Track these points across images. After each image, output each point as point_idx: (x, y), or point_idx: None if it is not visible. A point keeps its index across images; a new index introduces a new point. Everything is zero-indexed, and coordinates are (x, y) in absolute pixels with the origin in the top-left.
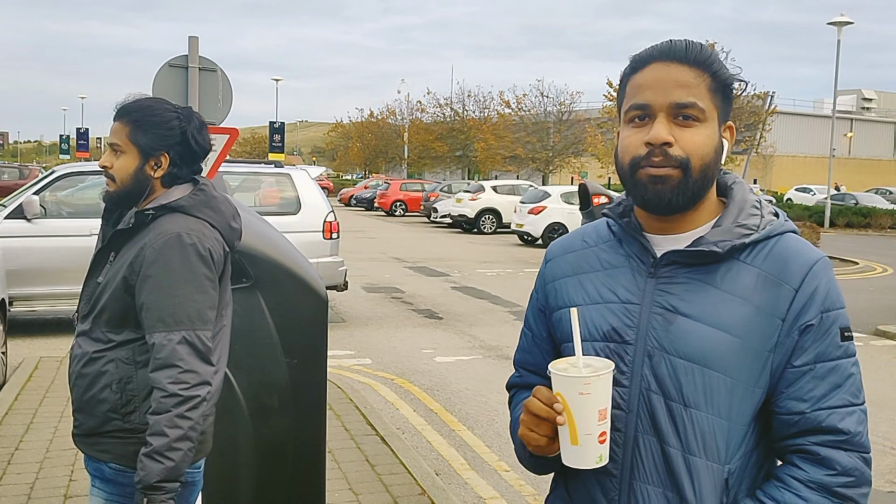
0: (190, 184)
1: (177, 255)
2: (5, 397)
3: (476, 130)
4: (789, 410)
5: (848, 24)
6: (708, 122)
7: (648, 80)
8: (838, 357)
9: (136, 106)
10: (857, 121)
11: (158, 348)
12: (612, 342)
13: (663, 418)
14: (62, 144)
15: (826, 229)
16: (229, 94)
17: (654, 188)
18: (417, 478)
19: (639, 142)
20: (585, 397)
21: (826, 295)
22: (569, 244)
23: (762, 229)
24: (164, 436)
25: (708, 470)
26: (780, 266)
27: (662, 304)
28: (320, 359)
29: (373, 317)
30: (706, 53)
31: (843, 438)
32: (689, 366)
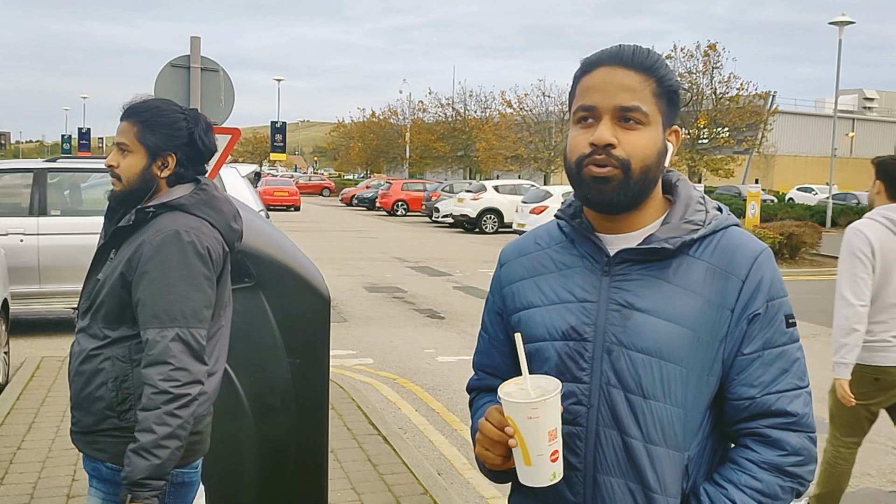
0: (192, 183)
1: (174, 253)
2: (7, 397)
3: (478, 130)
4: (740, 396)
5: (849, 24)
6: (651, 126)
7: (596, 83)
8: (784, 343)
9: (145, 106)
10: (859, 120)
11: (151, 344)
12: (571, 340)
13: (623, 411)
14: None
15: (828, 229)
16: (231, 94)
17: (597, 187)
18: (419, 477)
19: (584, 142)
20: (534, 421)
21: (771, 284)
22: (522, 247)
23: (708, 224)
24: (152, 432)
25: (669, 458)
26: (726, 259)
27: (618, 301)
28: (322, 358)
29: (374, 316)
30: (652, 59)
31: (792, 420)
32: (646, 359)
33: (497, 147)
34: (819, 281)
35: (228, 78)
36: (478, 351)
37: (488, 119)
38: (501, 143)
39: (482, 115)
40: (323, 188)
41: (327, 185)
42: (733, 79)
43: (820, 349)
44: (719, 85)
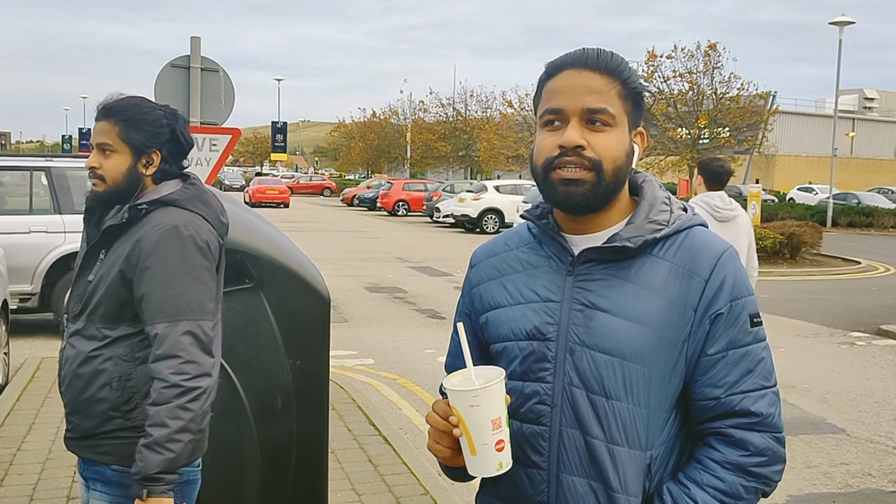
0: (178, 179)
1: (174, 247)
2: (7, 398)
3: (478, 130)
4: (705, 396)
5: (849, 24)
6: (618, 127)
7: (562, 86)
8: (749, 343)
9: (124, 105)
10: (859, 120)
11: (161, 339)
12: (535, 340)
13: (586, 411)
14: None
15: (828, 229)
16: (231, 94)
17: (567, 189)
18: (420, 478)
19: (552, 144)
20: (476, 409)
21: (734, 284)
22: (492, 248)
23: (672, 224)
24: (165, 426)
25: (631, 458)
26: (690, 259)
27: (581, 301)
28: (323, 359)
29: (375, 317)
30: (616, 61)
31: (756, 420)
32: (608, 359)
33: (498, 147)
34: (820, 281)
35: (228, 78)
36: (449, 353)
37: (489, 119)
38: (502, 143)
39: (483, 115)
40: (324, 188)
41: (328, 185)
42: (734, 79)
43: (821, 349)
44: (720, 85)
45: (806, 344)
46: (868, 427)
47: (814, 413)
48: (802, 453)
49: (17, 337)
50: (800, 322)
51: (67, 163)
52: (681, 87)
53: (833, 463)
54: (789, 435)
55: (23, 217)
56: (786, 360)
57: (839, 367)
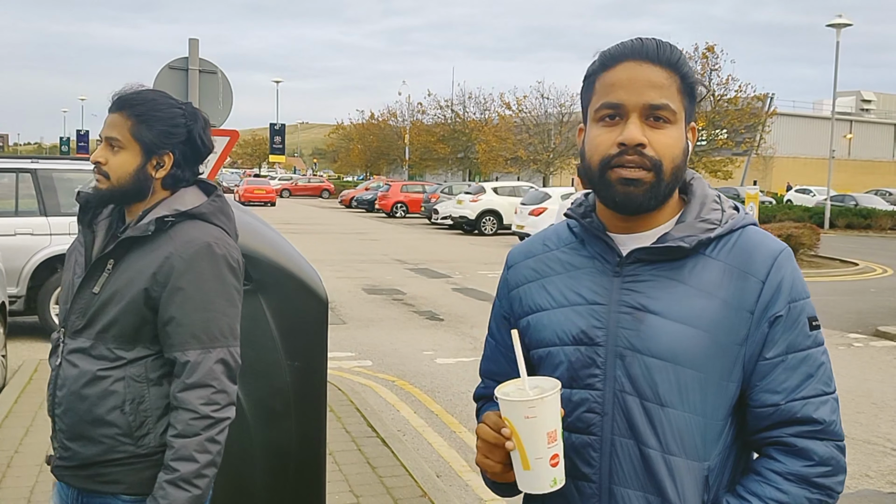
0: (196, 187)
1: (208, 266)
2: (5, 400)
3: (477, 132)
4: (763, 403)
5: (847, 26)
6: (678, 124)
7: (621, 79)
8: (808, 347)
9: (140, 98)
10: (857, 122)
11: (193, 367)
12: (582, 345)
13: (640, 419)
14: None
15: (826, 230)
16: (230, 96)
17: (626, 189)
18: (418, 480)
19: (610, 141)
20: (531, 421)
21: (792, 285)
22: (529, 249)
23: (724, 223)
24: (194, 461)
25: (688, 469)
26: (744, 259)
27: (630, 304)
28: (321, 361)
29: (374, 318)
30: (676, 55)
31: (819, 428)
32: (662, 364)
33: (496, 149)
34: (817, 282)
35: (227, 79)
36: (484, 357)
37: (488, 121)
38: (501, 145)
39: (481, 117)
40: (322, 190)
41: (326, 186)
42: (732, 80)
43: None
44: (718, 87)
45: None
46: (866, 428)
47: None
48: None
49: (14, 339)
50: None
51: (53, 165)
52: None
53: None
54: None
55: (8, 219)
56: None
57: (837, 368)
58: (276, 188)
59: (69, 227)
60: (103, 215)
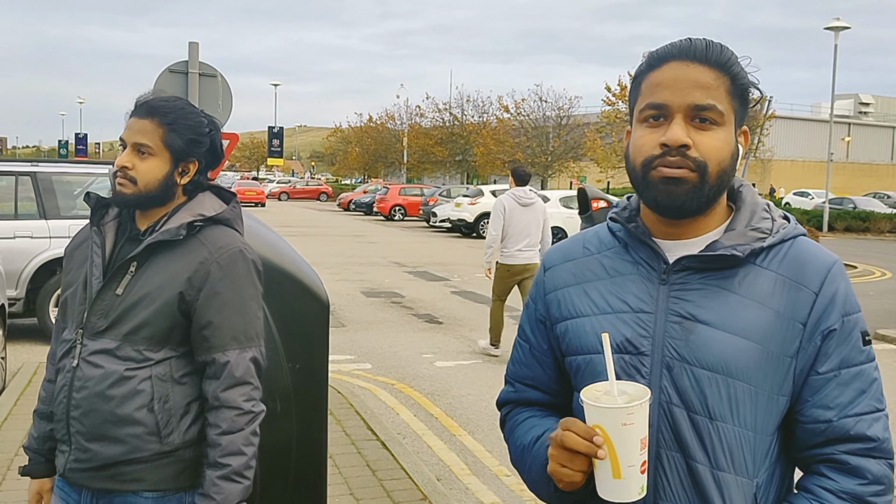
0: (210, 192)
1: (242, 272)
2: (5, 402)
3: (475, 135)
4: (816, 419)
5: (845, 29)
6: (725, 126)
7: (666, 79)
8: (862, 362)
9: (172, 107)
10: (855, 125)
11: (233, 367)
12: (626, 354)
13: (688, 433)
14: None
15: (825, 233)
16: (229, 99)
17: (668, 189)
18: (418, 483)
19: (654, 142)
20: (629, 428)
21: (846, 298)
22: (569, 251)
23: (776, 233)
24: (243, 454)
25: (738, 486)
26: (797, 269)
27: (679, 312)
28: (321, 364)
29: (373, 321)
30: (727, 55)
31: (872, 446)
32: (712, 376)
33: (495, 152)
34: None
35: (226, 83)
36: (515, 361)
37: (486, 124)
38: (499, 148)
39: (480, 120)
40: (320, 193)
41: (324, 189)
42: None
43: None
44: None
45: None
46: None
47: None
48: None
49: (14, 341)
50: None
51: (52, 168)
52: None
53: None
54: None
55: (8, 222)
56: None
57: None
58: (274, 191)
59: (69, 229)
60: (109, 217)
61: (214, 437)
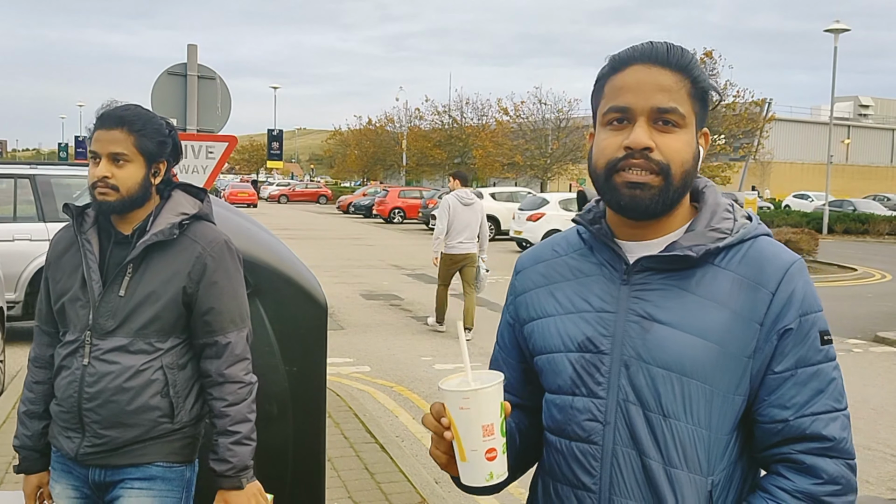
0: (180, 190)
1: (230, 261)
2: (4, 405)
3: (474, 137)
4: (772, 418)
5: (844, 32)
6: (687, 128)
7: (629, 83)
8: (819, 361)
9: (137, 114)
10: (855, 127)
11: (234, 345)
12: (587, 352)
13: (642, 430)
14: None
15: (824, 236)
16: (228, 102)
17: (631, 193)
18: (417, 486)
19: (617, 145)
20: (466, 412)
21: (804, 298)
22: (539, 254)
23: (736, 233)
24: (248, 421)
25: (691, 483)
26: (755, 270)
27: (638, 312)
28: (320, 366)
29: (371, 324)
30: (687, 58)
31: (829, 445)
32: (667, 374)
33: (494, 154)
34: (816, 288)
35: (225, 85)
36: (491, 362)
37: (485, 126)
38: (498, 151)
39: (479, 123)
40: (319, 196)
41: (324, 192)
42: (730, 86)
43: None
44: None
45: None
46: (865, 434)
47: None
48: None
49: (12, 344)
50: None
51: (51, 171)
52: None
53: None
54: None
55: (7, 225)
56: None
57: None
58: (273, 194)
59: None
60: (88, 224)
61: (222, 409)
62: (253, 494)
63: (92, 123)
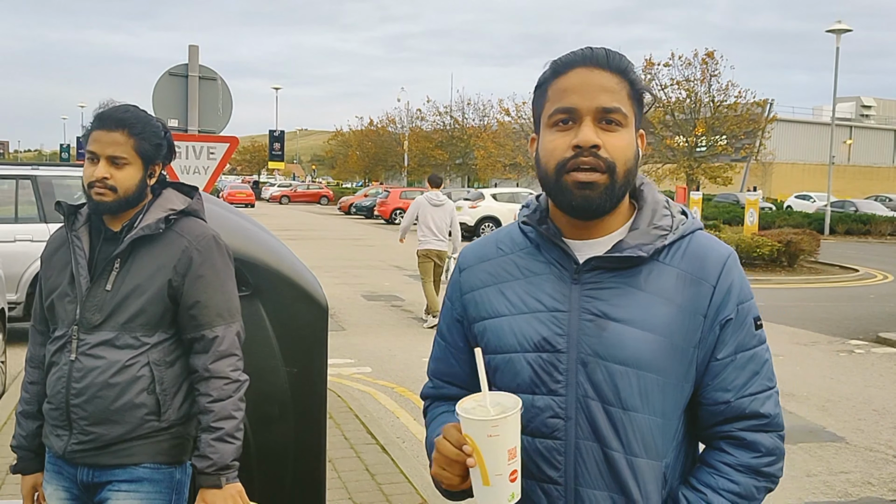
0: (171, 188)
1: (217, 256)
2: (5, 406)
3: (476, 138)
4: (716, 401)
5: (846, 32)
6: (629, 128)
7: (574, 84)
8: (755, 346)
9: (135, 117)
10: (857, 128)
11: (220, 340)
12: (544, 352)
13: (603, 423)
14: (62, 153)
15: (826, 237)
16: (229, 103)
17: (583, 193)
18: (418, 487)
19: (565, 145)
20: (494, 439)
21: (740, 288)
22: (483, 252)
23: (676, 230)
24: (233, 418)
25: (650, 468)
26: (697, 265)
27: (591, 311)
28: (320, 367)
29: (372, 325)
30: (625, 62)
31: (765, 422)
32: (625, 370)
33: (495, 155)
34: (817, 288)
35: (226, 86)
36: (434, 358)
37: (486, 127)
38: (500, 151)
39: (480, 123)
40: (321, 196)
41: (325, 193)
42: (731, 86)
43: (820, 357)
44: (717, 93)
45: (804, 352)
46: (868, 435)
47: (813, 421)
48: (802, 462)
49: (14, 345)
50: (798, 330)
51: (53, 171)
52: (678, 95)
53: (833, 472)
54: (788, 443)
55: (8, 226)
56: (784, 369)
57: (838, 374)
58: (275, 195)
59: None
60: (80, 222)
61: (207, 404)
62: (231, 496)
63: (89, 122)
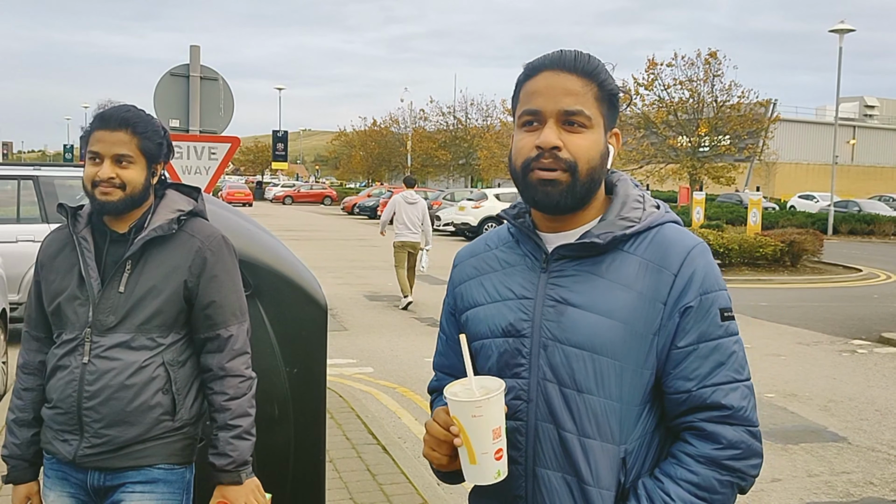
0: (173, 189)
1: (228, 256)
2: (5, 407)
3: (479, 138)
4: (677, 390)
5: (849, 32)
6: (594, 129)
7: (540, 87)
8: (720, 336)
9: (138, 116)
10: (860, 128)
11: (234, 338)
12: (510, 337)
13: (558, 405)
14: (66, 154)
15: (829, 237)
16: (230, 103)
17: (544, 190)
18: (419, 487)
19: (530, 145)
20: (478, 419)
21: (704, 277)
22: (473, 249)
23: (643, 220)
24: (248, 415)
25: (603, 451)
26: (660, 253)
27: (553, 297)
28: (320, 368)
29: (375, 325)
30: (593, 64)
31: (728, 413)
32: (579, 353)
33: (498, 155)
34: (821, 288)
35: (228, 86)
36: (437, 352)
37: (489, 127)
38: (503, 152)
39: (483, 124)
40: (324, 197)
41: (328, 193)
42: (734, 87)
43: (822, 357)
44: (720, 93)
45: (807, 352)
46: (870, 435)
47: (815, 421)
48: (804, 462)
49: (15, 346)
50: (801, 330)
51: (55, 172)
52: (681, 95)
53: (834, 472)
54: (790, 443)
55: (10, 226)
56: (787, 368)
57: (840, 374)
58: (279, 195)
59: None
60: (81, 224)
61: (223, 402)
62: (251, 490)
63: (89, 123)
